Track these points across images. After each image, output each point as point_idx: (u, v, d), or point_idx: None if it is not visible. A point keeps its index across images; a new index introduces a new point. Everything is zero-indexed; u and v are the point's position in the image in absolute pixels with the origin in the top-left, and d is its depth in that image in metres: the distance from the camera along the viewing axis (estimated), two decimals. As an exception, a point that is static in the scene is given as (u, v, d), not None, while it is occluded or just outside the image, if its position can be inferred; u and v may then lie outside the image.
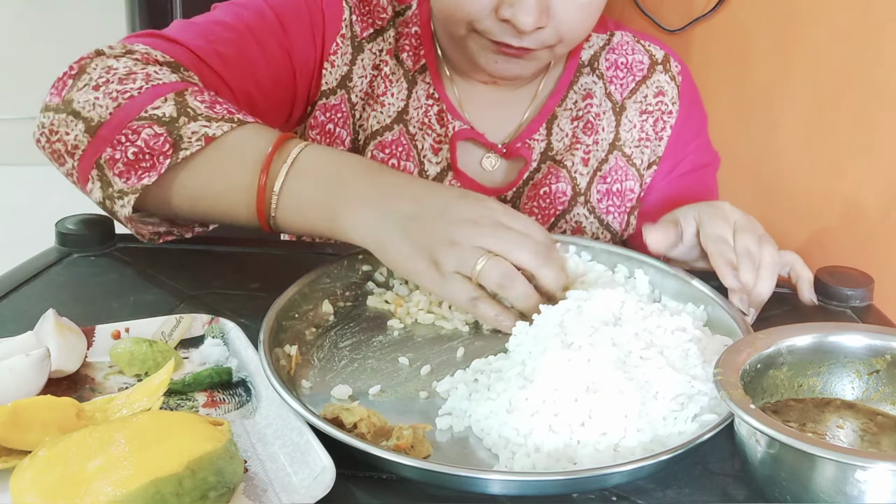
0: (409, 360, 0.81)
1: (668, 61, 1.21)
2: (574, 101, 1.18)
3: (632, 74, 1.20)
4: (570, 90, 1.18)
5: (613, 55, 1.20)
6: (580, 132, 1.17)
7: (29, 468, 0.59)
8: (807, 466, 0.59)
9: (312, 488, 0.61)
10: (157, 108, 0.88)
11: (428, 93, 1.15)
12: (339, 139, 1.14)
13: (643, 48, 1.21)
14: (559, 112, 1.18)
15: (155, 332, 0.80)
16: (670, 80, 1.20)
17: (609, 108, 1.19)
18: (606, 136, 1.18)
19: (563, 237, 0.98)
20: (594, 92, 1.18)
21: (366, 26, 1.13)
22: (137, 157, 0.87)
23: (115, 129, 0.87)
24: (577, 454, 0.67)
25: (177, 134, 0.87)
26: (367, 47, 1.12)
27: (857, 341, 0.71)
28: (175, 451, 0.58)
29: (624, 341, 0.75)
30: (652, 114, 1.19)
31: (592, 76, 1.19)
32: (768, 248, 0.93)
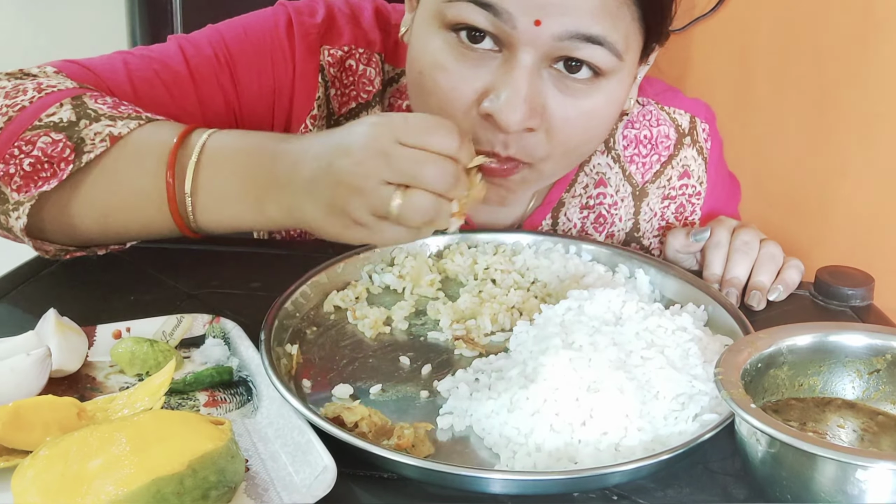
0: (410, 359, 0.81)
1: (694, 128, 1.09)
2: (584, 186, 1.06)
3: (657, 153, 1.08)
4: (581, 172, 1.06)
5: (633, 130, 1.08)
6: (590, 225, 1.07)
7: (30, 467, 0.59)
8: (807, 466, 0.59)
9: (314, 487, 0.61)
10: (52, 114, 0.81)
11: None
12: None
13: (668, 117, 1.09)
14: (566, 199, 1.06)
15: (156, 331, 0.80)
16: (697, 155, 1.09)
17: (628, 193, 1.08)
18: (623, 227, 1.09)
19: (563, 237, 0.98)
20: (608, 179, 1.07)
21: (346, 101, 1.01)
22: (35, 167, 0.80)
23: (6, 143, 0.81)
24: (578, 453, 0.67)
25: (77, 137, 0.80)
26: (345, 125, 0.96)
27: (858, 341, 0.71)
28: (176, 451, 0.58)
29: (625, 341, 0.75)
30: (675, 199, 1.10)
31: (607, 157, 1.07)
32: (769, 244, 0.95)
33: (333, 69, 1.00)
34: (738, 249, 0.95)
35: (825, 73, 1.39)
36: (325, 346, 0.82)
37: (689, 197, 1.10)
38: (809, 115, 1.43)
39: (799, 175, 1.45)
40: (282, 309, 0.82)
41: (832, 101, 1.38)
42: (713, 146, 1.11)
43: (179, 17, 1.86)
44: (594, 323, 0.77)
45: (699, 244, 0.99)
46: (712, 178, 1.12)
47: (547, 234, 1.02)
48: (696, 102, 1.12)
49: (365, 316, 0.85)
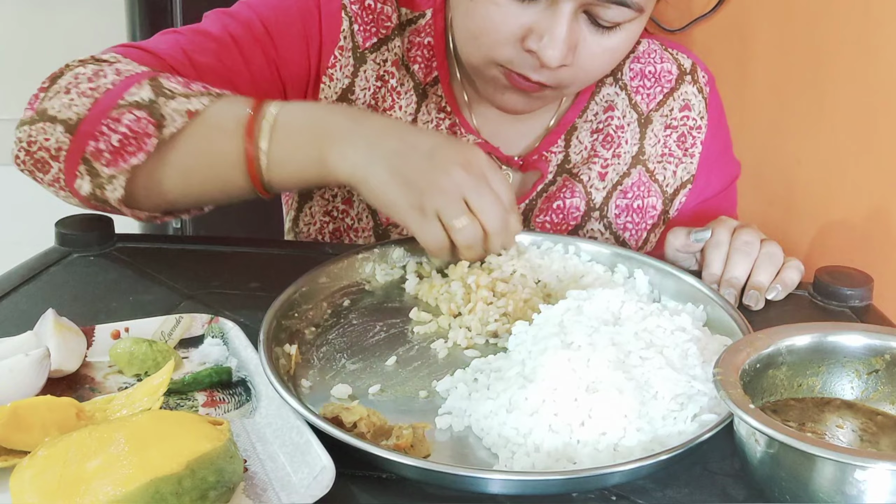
0: (408, 359, 0.81)
1: (695, 71, 1.17)
2: (595, 113, 1.15)
3: (659, 85, 1.16)
4: (592, 101, 1.15)
5: (639, 64, 1.16)
6: (598, 145, 1.14)
7: (28, 468, 0.59)
8: (806, 466, 0.59)
9: (312, 487, 0.61)
10: (133, 94, 0.88)
11: (440, 106, 1.11)
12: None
13: (671, 56, 1.17)
14: (579, 124, 1.14)
15: (154, 331, 0.80)
16: (698, 93, 1.17)
17: (634, 119, 1.15)
18: (629, 149, 1.15)
19: (563, 237, 0.98)
20: (616, 104, 1.15)
21: (369, 36, 1.10)
22: (122, 143, 0.87)
23: (95, 121, 0.87)
24: (577, 454, 0.67)
25: (158, 114, 0.87)
26: (370, 58, 1.10)
27: (857, 341, 0.71)
28: (175, 451, 0.58)
29: (623, 341, 0.75)
30: (676, 129, 1.16)
31: (615, 87, 1.15)
32: (769, 244, 0.95)
33: (355, 6, 1.09)
34: (738, 249, 0.96)
35: (825, 73, 1.39)
36: (323, 346, 0.82)
37: (689, 129, 1.17)
38: (809, 115, 1.42)
39: (799, 175, 1.45)
40: (280, 309, 0.82)
41: (832, 100, 1.38)
42: (713, 94, 1.18)
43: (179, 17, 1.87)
44: (593, 323, 0.77)
45: (699, 244, 1.00)
46: (713, 118, 1.18)
47: (547, 234, 1.02)
48: (699, 59, 1.21)
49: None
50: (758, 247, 0.96)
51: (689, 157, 1.16)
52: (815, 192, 1.42)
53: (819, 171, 1.41)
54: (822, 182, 1.40)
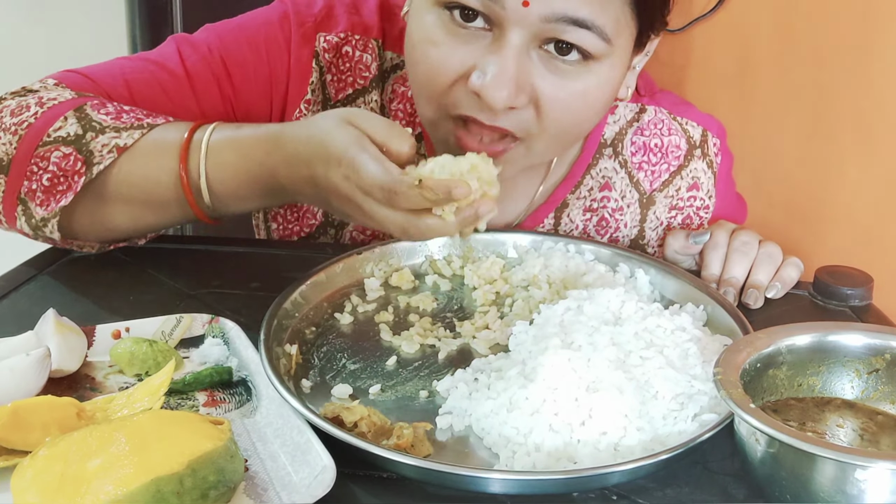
0: (409, 358, 0.81)
1: (706, 142, 1.10)
2: (589, 189, 1.07)
3: (666, 162, 1.08)
4: (587, 175, 1.07)
5: (642, 137, 1.08)
6: (592, 229, 1.07)
7: (29, 467, 0.59)
8: (807, 466, 0.59)
9: (313, 487, 0.61)
10: (58, 129, 0.86)
11: None
12: (310, 212, 1.07)
13: (679, 127, 1.09)
14: (571, 200, 1.06)
15: (155, 331, 0.80)
16: (707, 168, 1.09)
17: (635, 199, 1.08)
18: (628, 233, 1.09)
19: (563, 237, 0.98)
20: (614, 183, 1.07)
21: (342, 87, 1.03)
22: (52, 182, 0.86)
23: (24, 160, 0.86)
24: (578, 453, 0.67)
25: (86, 150, 0.85)
26: None
27: (857, 340, 0.71)
28: (176, 451, 0.58)
29: (624, 341, 0.75)
30: (682, 210, 1.10)
31: (614, 161, 1.07)
32: (768, 245, 0.95)
33: (329, 55, 1.02)
34: (736, 250, 0.96)
35: (825, 73, 1.39)
36: (324, 345, 0.82)
37: (696, 210, 1.10)
38: (809, 115, 1.42)
39: (799, 175, 1.45)
40: (281, 309, 0.82)
41: (832, 101, 1.37)
42: (723, 161, 1.12)
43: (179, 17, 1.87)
44: (593, 323, 0.77)
45: (698, 246, 1.00)
46: (721, 193, 1.12)
47: (548, 233, 1.02)
48: (709, 118, 1.12)
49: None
50: (756, 247, 0.96)
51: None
52: (814, 192, 1.42)
53: (819, 173, 1.41)
54: (822, 183, 1.40)
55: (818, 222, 1.40)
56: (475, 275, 0.93)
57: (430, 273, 0.95)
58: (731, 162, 1.15)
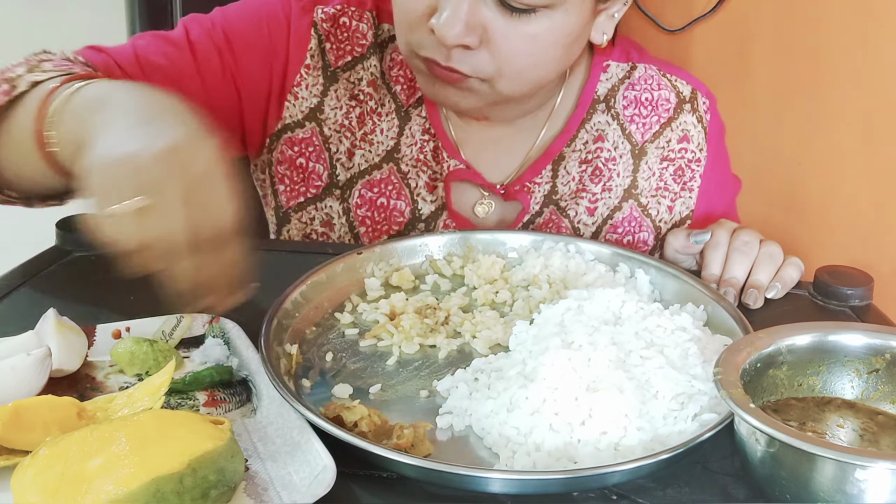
0: (409, 358, 0.81)
1: (695, 98, 1.13)
2: (584, 142, 1.10)
3: (656, 114, 1.11)
4: (581, 129, 1.10)
5: (634, 91, 1.11)
6: (587, 179, 1.10)
7: (30, 467, 0.59)
8: (807, 465, 0.59)
9: (313, 487, 0.61)
10: (14, 68, 0.89)
11: (424, 128, 1.08)
12: (315, 174, 1.10)
13: (669, 83, 1.13)
14: (567, 153, 1.10)
15: (156, 331, 0.80)
16: (697, 123, 1.12)
17: (627, 150, 1.10)
18: (622, 182, 1.10)
19: (564, 237, 0.98)
20: (606, 134, 1.10)
21: (341, 54, 1.08)
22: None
23: None
24: (578, 453, 0.67)
25: (13, 84, 0.88)
26: (342, 77, 1.08)
27: (857, 340, 0.71)
28: (176, 450, 0.58)
29: (624, 340, 0.75)
30: (674, 161, 1.12)
31: (607, 115, 1.10)
32: (768, 245, 0.96)
33: (327, 24, 1.08)
34: (737, 249, 0.96)
35: (825, 73, 1.39)
36: (324, 345, 0.82)
37: (688, 162, 1.13)
38: (809, 114, 1.43)
39: (799, 175, 1.45)
40: (281, 308, 0.82)
41: (832, 100, 1.38)
42: (713, 120, 1.14)
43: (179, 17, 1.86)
44: (593, 322, 0.77)
45: (699, 246, 1.00)
46: (713, 149, 1.14)
47: (548, 234, 1.02)
48: (700, 82, 1.16)
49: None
50: (757, 247, 0.96)
51: (686, 191, 1.13)
52: (815, 192, 1.42)
53: (819, 171, 1.41)
54: (822, 182, 1.40)
55: (818, 222, 1.40)
56: (475, 275, 0.93)
57: (431, 273, 0.95)
58: (722, 129, 1.17)
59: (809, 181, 1.43)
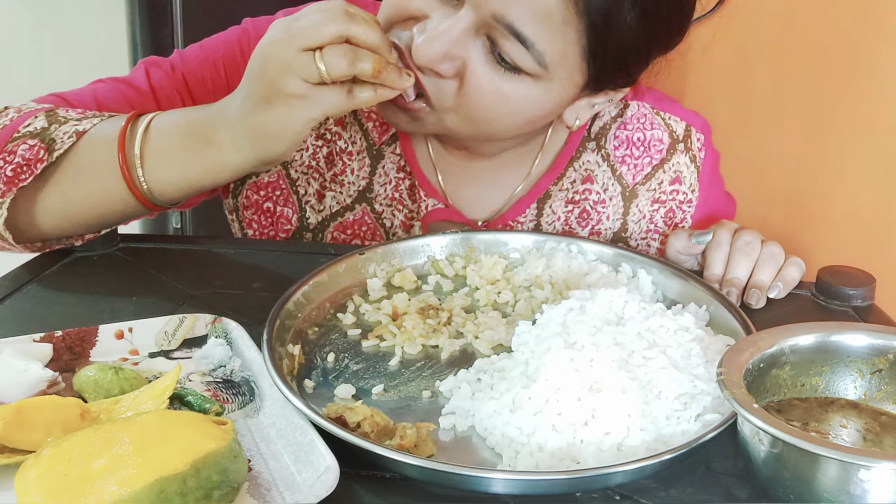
0: (412, 359, 0.81)
1: (689, 136, 1.10)
2: (572, 181, 1.08)
3: (648, 156, 1.09)
4: (570, 167, 1.08)
5: (625, 131, 1.09)
6: (574, 221, 1.08)
7: (33, 467, 0.59)
8: (810, 466, 0.59)
9: (316, 487, 0.61)
10: (28, 125, 0.90)
11: (398, 165, 1.07)
12: (284, 217, 1.08)
13: (662, 122, 1.10)
14: (553, 191, 1.07)
15: (158, 331, 0.80)
16: (690, 163, 1.10)
17: (618, 193, 1.09)
18: (611, 226, 1.09)
19: (566, 237, 0.98)
20: (596, 176, 1.08)
21: None
22: (16, 171, 0.88)
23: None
24: (581, 453, 0.67)
25: (49, 139, 0.89)
26: None
27: (860, 341, 0.71)
28: (179, 451, 0.58)
29: (627, 341, 0.75)
30: (664, 204, 1.10)
31: (597, 155, 1.08)
32: (770, 245, 0.96)
33: None
34: (739, 249, 0.96)
35: (825, 73, 1.39)
36: (326, 346, 0.82)
37: (679, 203, 1.11)
38: (809, 115, 1.43)
39: (799, 175, 1.45)
40: (283, 309, 0.82)
41: (832, 101, 1.38)
42: (707, 157, 1.12)
43: (179, 17, 1.87)
44: (596, 323, 0.77)
45: (700, 246, 1.00)
46: (704, 188, 1.12)
47: (550, 234, 1.02)
48: (694, 114, 1.13)
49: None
50: (759, 247, 0.96)
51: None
52: (815, 192, 1.42)
53: (819, 172, 1.41)
54: (823, 183, 1.40)
55: (819, 222, 1.40)
56: (477, 275, 0.93)
57: (433, 273, 0.95)
58: (716, 159, 1.15)
59: (809, 181, 1.43)
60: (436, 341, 0.83)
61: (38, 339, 0.76)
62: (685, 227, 1.11)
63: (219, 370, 0.78)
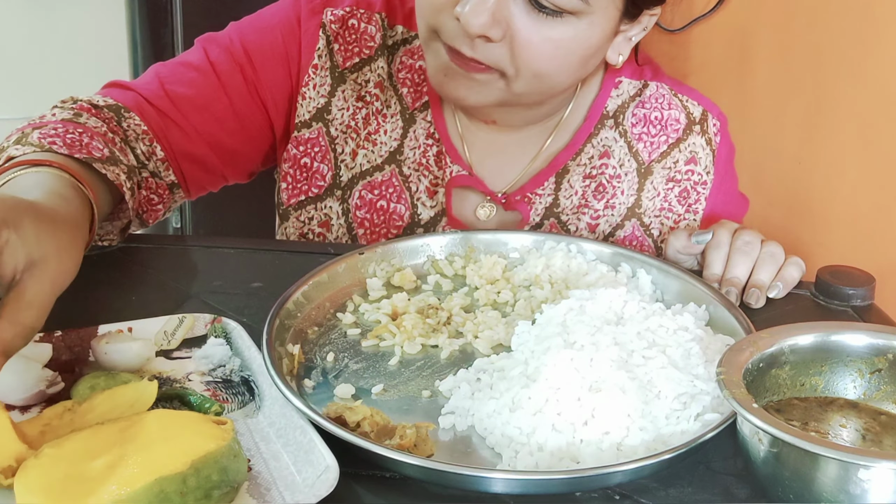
0: (411, 358, 0.81)
1: (706, 120, 1.12)
2: (590, 157, 1.10)
3: (665, 134, 1.11)
4: (588, 143, 1.10)
5: (643, 109, 1.11)
6: (590, 195, 1.09)
7: (34, 467, 0.59)
8: (810, 465, 0.59)
9: (316, 487, 0.61)
10: (14, 134, 0.89)
11: (428, 132, 1.09)
12: (319, 174, 1.10)
13: (680, 103, 1.12)
14: (571, 166, 1.09)
15: (158, 331, 0.80)
16: (706, 145, 1.11)
17: (633, 169, 1.10)
18: (625, 200, 1.10)
19: (566, 237, 0.98)
20: (612, 151, 1.10)
21: (349, 56, 1.08)
22: None
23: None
24: (580, 453, 0.67)
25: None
26: (349, 78, 1.08)
27: (859, 340, 0.71)
28: (179, 450, 0.59)
29: (626, 341, 0.75)
30: (679, 183, 1.11)
31: (615, 131, 1.10)
32: (770, 244, 0.96)
33: (335, 26, 1.08)
34: (738, 249, 0.96)
35: (825, 73, 1.39)
36: (326, 345, 0.82)
37: (694, 184, 1.12)
38: (809, 114, 1.43)
39: (799, 175, 1.45)
40: (283, 308, 0.82)
41: (832, 100, 1.38)
42: (722, 143, 1.13)
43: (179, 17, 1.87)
44: (595, 322, 0.77)
45: (700, 246, 1.00)
46: (720, 173, 1.13)
47: (549, 234, 1.02)
48: (711, 103, 1.15)
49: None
50: (758, 247, 0.96)
51: (691, 213, 1.12)
52: (815, 192, 1.42)
53: (819, 171, 1.41)
54: (822, 182, 1.40)
55: (819, 221, 1.40)
56: (477, 275, 0.93)
57: (433, 273, 0.95)
58: (731, 150, 1.16)
59: (809, 181, 1.43)
60: (435, 341, 0.83)
61: (38, 339, 0.76)
62: (699, 209, 1.13)
63: (218, 370, 0.78)
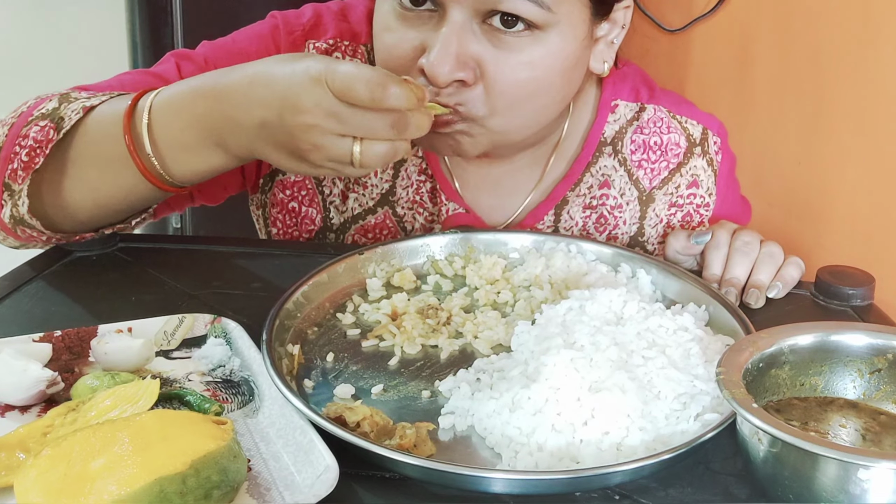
0: (411, 359, 0.81)
1: (706, 140, 1.10)
2: (589, 186, 1.07)
3: (665, 160, 1.09)
4: (587, 172, 1.07)
5: (642, 135, 1.08)
6: (591, 226, 1.08)
7: (33, 467, 0.59)
8: (809, 465, 0.59)
9: (316, 487, 0.61)
10: (42, 108, 0.88)
11: (420, 168, 1.06)
12: (308, 218, 1.08)
13: (679, 125, 1.09)
14: (570, 197, 1.07)
15: (157, 331, 0.80)
16: (707, 166, 1.10)
17: (634, 197, 1.08)
18: (628, 230, 1.09)
19: (566, 237, 0.98)
20: (612, 180, 1.07)
21: None
22: (30, 155, 0.86)
23: (10, 145, 0.87)
24: (580, 453, 0.67)
25: (58, 117, 0.86)
26: None
27: (859, 340, 0.71)
28: (179, 450, 0.59)
29: (626, 341, 0.75)
30: (682, 208, 1.10)
31: (614, 160, 1.08)
32: (769, 245, 0.96)
33: None
34: (738, 250, 0.96)
35: (825, 73, 1.39)
36: (326, 345, 0.82)
37: (696, 207, 1.11)
38: (809, 114, 1.43)
39: (799, 175, 1.45)
40: (283, 309, 0.82)
41: (832, 100, 1.38)
42: (724, 160, 1.12)
43: (179, 17, 1.87)
44: (595, 323, 0.77)
45: (699, 247, 1.00)
46: (721, 191, 1.12)
47: (549, 234, 1.02)
48: (710, 117, 1.12)
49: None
50: (757, 247, 0.96)
51: None
52: (815, 192, 1.42)
53: (819, 171, 1.41)
54: (822, 182, 1.40)
55: (818, 222, 1.40)
56: (477, 275, 0.93)
57: (432, 273, 0.95)
58: (733, 162, 1.15)
59: (809, 181, 1.43)
60: (435, 341, 0.83)
61: (38, 339, 0.76)
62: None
63: (218, 370, 0.78)
